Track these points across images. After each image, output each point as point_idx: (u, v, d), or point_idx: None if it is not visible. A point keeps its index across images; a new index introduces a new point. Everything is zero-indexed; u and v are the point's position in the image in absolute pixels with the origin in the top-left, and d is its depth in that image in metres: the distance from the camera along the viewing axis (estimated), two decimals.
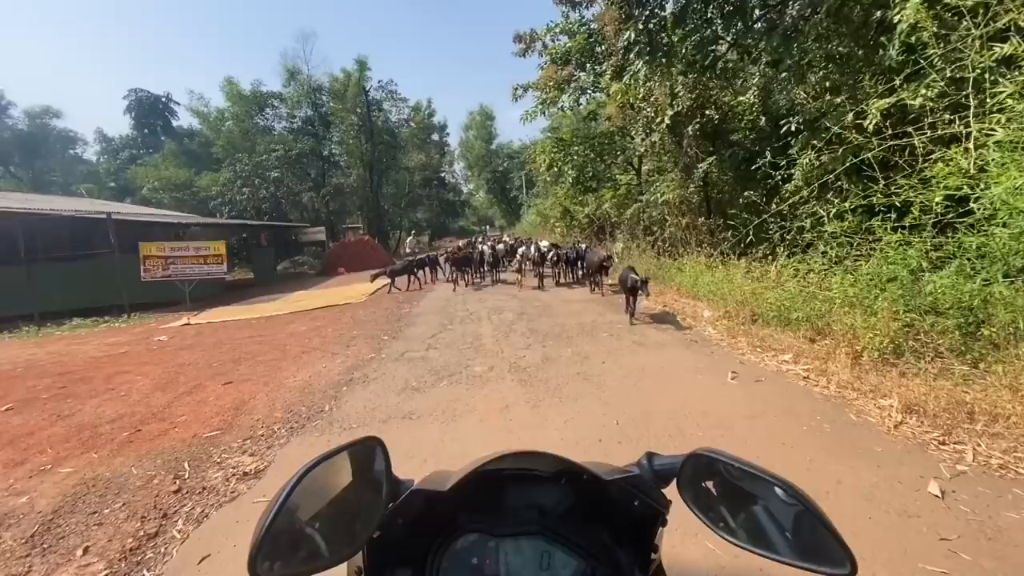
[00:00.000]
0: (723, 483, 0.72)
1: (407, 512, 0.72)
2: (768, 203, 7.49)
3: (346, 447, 0.69)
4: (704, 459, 0.72)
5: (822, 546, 0.62)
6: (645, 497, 0.74)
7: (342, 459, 0.68)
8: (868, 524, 2.47)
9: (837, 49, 7.72)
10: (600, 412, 4.14)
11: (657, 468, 0.76)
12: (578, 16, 13.71)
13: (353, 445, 0.70)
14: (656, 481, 0.76)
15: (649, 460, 0.78)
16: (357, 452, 0.71)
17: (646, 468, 0.77)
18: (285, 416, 4.67)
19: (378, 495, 0.71)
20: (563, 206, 20.45)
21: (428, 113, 42.41)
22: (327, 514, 0.64)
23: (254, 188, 26.19)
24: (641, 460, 0.79)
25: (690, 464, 0.74)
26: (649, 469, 0.77)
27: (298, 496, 0.60)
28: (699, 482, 0.73)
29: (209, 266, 14.60)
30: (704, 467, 0.73)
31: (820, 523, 0.62)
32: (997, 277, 4.08)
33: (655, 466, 0.77)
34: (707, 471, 0.73)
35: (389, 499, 0.72)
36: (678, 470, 0.75)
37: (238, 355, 7.34)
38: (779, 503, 0.66)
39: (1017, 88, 4.10)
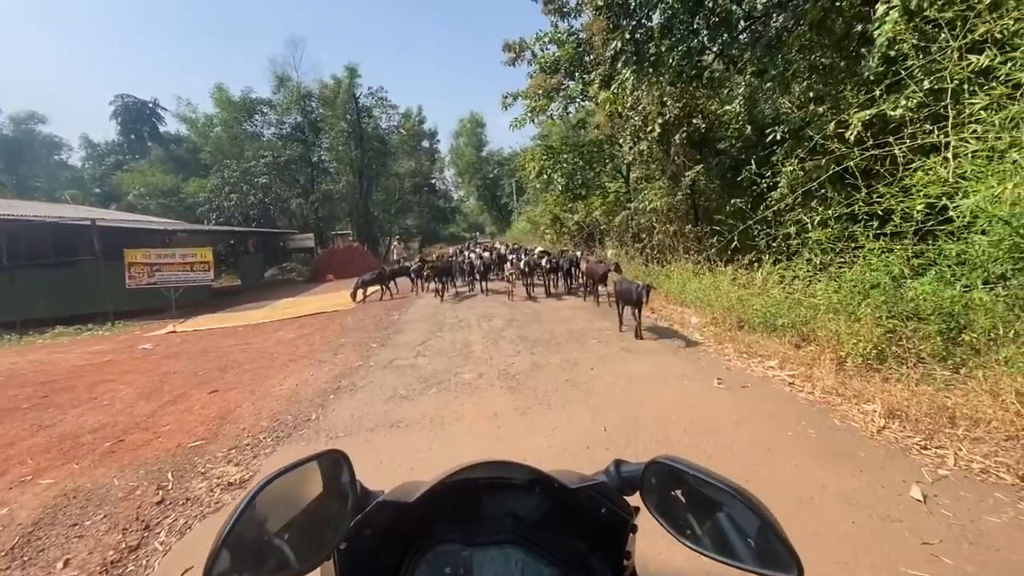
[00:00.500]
0: (686, 492, 0.72)
1: (375, 523, 0.73)
2: (754, 210, 7.60)
3: (308, 459, 0.70)
4: (664, 466, 0.73)
5: (775, 552, 0.63)
6: (611, 505, 0.75)
7: (305, 471, 0.69)
8: (852, 528, 2.49)
9: (820, 60, 7.88)
10: (588, 419, 4.15)
11: (624, 475, 0.77)
12: (567, 26, 13.90)
13: (315, 457, 0.71)
14: (623, 488, 0.77)
15: (616, 468, 0.79)
16: (321, 464, 0.71)
17: (613, 476, 0.78)
18: (271, 425, 4.62)
19: (344, 506, 0.71)
20: (553, 213, 20.54)
21: (418, 120, 42.54)
22: (293, 525, 0.64)
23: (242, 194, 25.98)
24: (609, 468, 0.79)
25: (651, 471, 0.75)
26: (616, 476, 0.77)
27: (261, 508, 0.61)
28: (661, 489, 0.74)
29: (195, 273, 14.45)
30: (665, 474, 0.74)
31: (770, 529, 0.63)
32: (977, 283, 4.17)
33: (622, 473, 0.78)
34: (668, 478, 0.74)
35: (356, 510, 0.72)
36: (639, 477, 0.75)
37: (224, 363, 7.25)
38: (737, 509, 0.67)
39: (992, 100, 4.21)
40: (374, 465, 3.60)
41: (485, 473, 0.75)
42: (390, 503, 0.73)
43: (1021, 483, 2.76)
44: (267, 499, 0.62)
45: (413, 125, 41.84)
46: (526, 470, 0.75)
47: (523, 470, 0.75)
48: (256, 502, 0.60)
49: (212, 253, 15.04)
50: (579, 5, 13.27)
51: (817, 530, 2.50)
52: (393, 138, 39.41)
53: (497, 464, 0.75)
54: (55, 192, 36.80)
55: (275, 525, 0.63)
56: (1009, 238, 3.95)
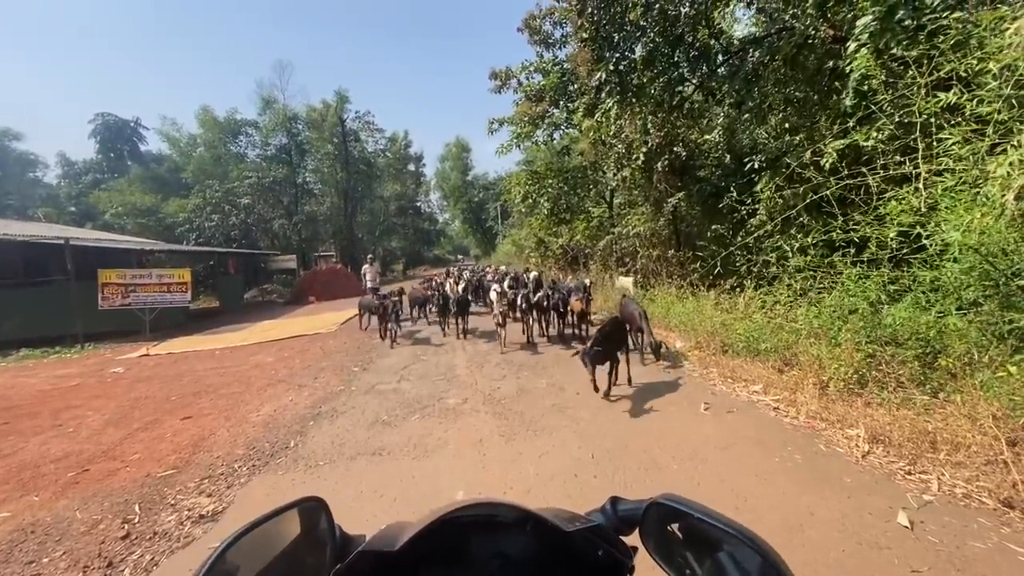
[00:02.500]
0: (686, 531, 0.69)
1: (355, 573, 0.68)
2: (735, 236, 7.75)
3: (283, 509, 0.66)
4: (665, 508, 0.70)
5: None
6: (608, 547, 0.71)
7: (281, 521, 0.66)
8: (842, 556, 2.47)
9: (794, 93, 8.21)
10: (575, 445, 4.10)
11: (621, 514, 0.74)
12: (552, 56, 14.30)
13: (291, 506, 0.67)
14: (620, 528, 0.74)
15: (613, 506, 0.76)
16: (298, 513, 0.68)
17: (610, 514, 0.75)
18: (247, 453, 4.47)
19: (323, 557, 0.68)
20: (538, 236, 20.69)
21: (405, 144, 42.94)
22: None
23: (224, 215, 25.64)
24: (605, 506, 0.76)
25: (652, 512, 0.72)
26: (613, 515, 0.74)
27: (232, 563, 0.57)
28: (662, 530, 0.71)
29: (172, 294, 14.11)
30: (666, 515, 0.71)
31: (776, 572, 0.60)
32: (950, 309, 4.28)
33: (619, 512, 0.75)
34: (670, 519, 0.71)
35: (335, 560, 0.68)
36: (640, 518, 0.73)
37: (199, 388, 7.04)
38: (741, 551, 0.64)
39: (961, 135, 4.41)
40: (355, 495, 3.49)
41: (473, 513, 0.72)
42: (371, 553, 0.68)
43: (1003, 507, 2.79)
44: (238, 553, 0.58)
45: (399, 149, 42.19)
46: (518, 510, 0.71)
47: (515, 510, 0.71)
48: (226, 556, 0.56)
49: (190, 274, 14.71)
50: (564, 37, 13.69)
51: (808, 559, 2.47)
52: (379, 161, 39.62)
53: (486, 504, 0.71)
54: (28, 210, 35.82)
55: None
56: (979, 266, 4.07)
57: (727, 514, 0.64)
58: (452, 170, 53.22)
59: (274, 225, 30.56)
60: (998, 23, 4.30)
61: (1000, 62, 4.14)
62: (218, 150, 32.38)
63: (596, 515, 0.76)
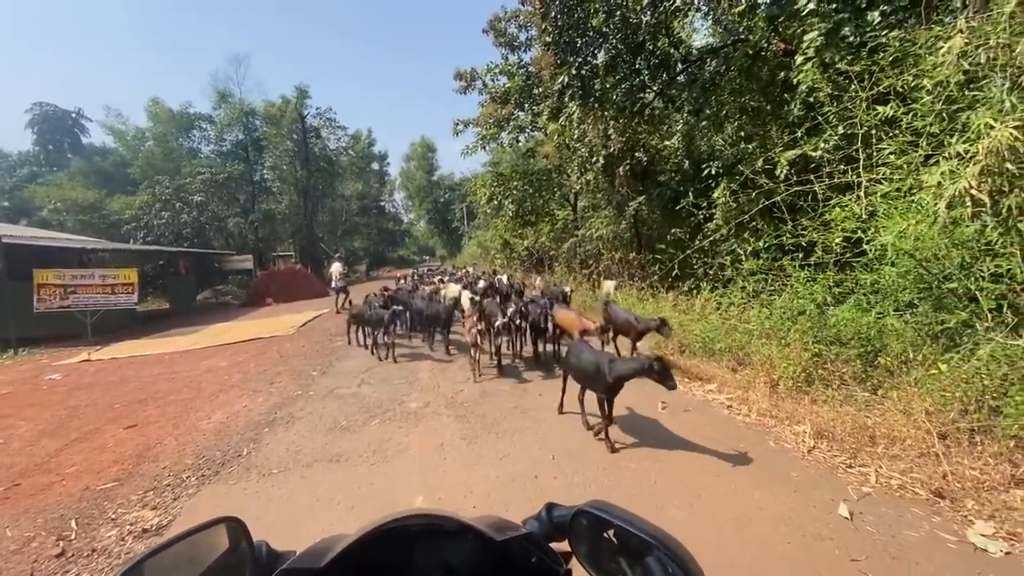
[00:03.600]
0: (612, 538, 0.70)
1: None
2: (692, 240, 7.99)
3: (192, 532, 0.63)
4: (590, 515, 0.71)
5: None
6: (540, 553, 0.72)
7: (195, 544, 0.62)
8: (787, 549, 2.58)
9: (749, 103, 8.53)
10: (537, 447, 4.11)
11: (555, 520, 0.75)
12: (517, 59, 14.36)
13: (203, 528, 0.64)
14: (553, 534, 0.74)
15: (548, 512, 0.76)
16: (212, 535, 0.64)
17: (544, 521, 0.75)
18: (196, 462, 4.27)
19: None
20: (503, 238, 20.76)
21: (368, 142, 42.17)
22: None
23: (175, 212, 24.41)
24: (541, 512, 0.77)
25: (578, 520, 0.72)
26: (548, 522, 0.75)
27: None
28: (590, 537, 0.72)
29: (117, 296, 13.34)
30: (593, 522, 0.71)
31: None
32: (889, 310, 4.54)
33: (554, 518, 0.75)
34: (596, 526, 0.71)
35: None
36: (567, 526, 0.73)
37: (145, 395, 6.69)
38: (663, 560, 0.64)
39: (897, 146, 4.69)
40: (310, 504, 3.39)
41: (407, 524, 0.70)
42: (295, 571, 0.65)
43: (934, 497, 2.98)
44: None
45: (363, 147, 41.40)
46: (450, 520, 0.70)
47: (447, 520, 0.70)
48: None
49: (137, 274, 13.96)
50: (529, 40, 13.78)
51: (757, 554, 2.56)
52: (342, 159, 38.69)
53: (420, 515, 0.70)
54: None
55: None
56: (914, 270, 4.35)
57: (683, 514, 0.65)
58: (417, 170, 52.70)
59: (229, 223, 29.35)
60: (933, 41, 4.59)
61: (933, 79, 4.43)
62: (169, 144, 30.83)
63: (532, 522, 0.76)
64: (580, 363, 4.13)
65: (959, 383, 3.53)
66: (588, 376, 4.06)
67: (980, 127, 3.68)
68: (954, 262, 4.07)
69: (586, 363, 4.05)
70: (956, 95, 4.21)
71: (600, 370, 3.85)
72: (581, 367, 4.12)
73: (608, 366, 3.80)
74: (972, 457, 3.20)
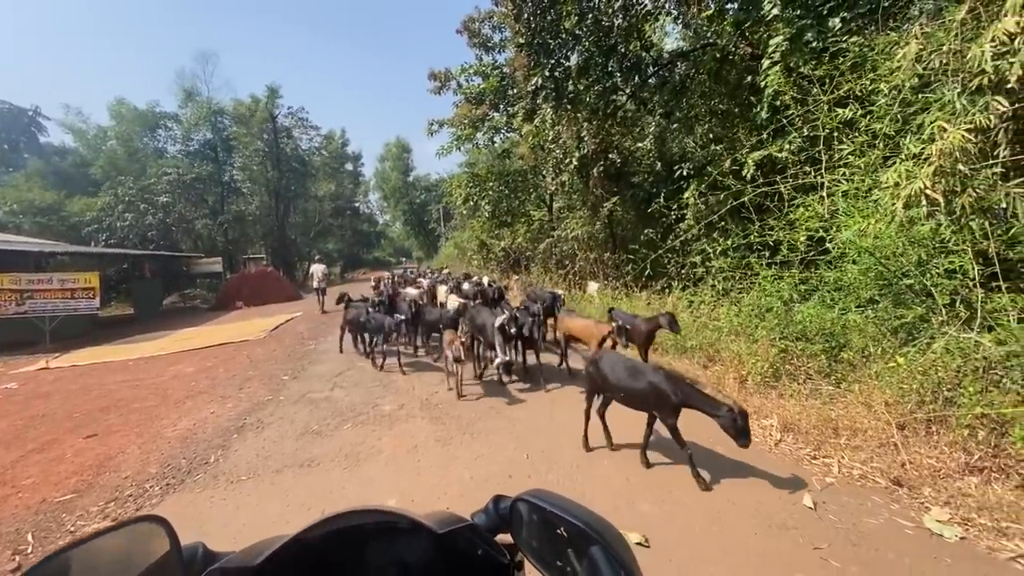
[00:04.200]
0: (551, 527, 0.68)
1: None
2: (664, 240, 8.11)
3: (109, 530, 0.59)
4: (528, 504, 0.70)
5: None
6: (485, 545, 0.71)
7: (116, 546, 0.59)
8: (755, 540, 2.63)
9: (718, 106, 8.72)
10: (511, 447, 4.11)
11: (501, 512, 0.74)
12: (491, 60, 14.36)
13: (120, 527, 0.60)
14: (500, 526, 0.73)
15: (495, 504, 0.75)
16: (132, 535, 0.61)
17: (491, 513, 0.74)
18: (161, 471, 4.14)
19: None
20: (480, 239, 20.68)
21: (342, 143, 41.47)
22: None
23: (139, 214, 23.52)
24: (488, 505, 0.76)
25: (517, 509, 0.71)
26: (494, 514, 0.74)
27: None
28: (530, 527, 0.71)
29: (77, 301, 12.83)
30: (532, 511, 0.70)
31: (624, 568, 0.59)
32: (851, 307, 4.69)
33: (500, 510, 0.74)
34: (536, 515, 0.70)
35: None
36: (508, 516, 0.72)
37: (107, 403, 6.44)
38: (599, 547, 0.62)
39: (856, 147, 4.85)
40: (280, 511, 3.31)
41: (349, 523, 0.68)
42: (229, 571, 0.62)
43: (893, 486, 3.08)
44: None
45: (336, 147, 40.69)
46: (392, 515, 0.69)
47: (389, 515, 0.69)
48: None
49: (98, 278, 13.44)
50: (503, 41, 13.81)
51: (727, 545, 2.61)
52: (315, 160, 37.99)
53: (362, 512, 0.68)
54: None
55: None
56: (874, 267, 4.50)
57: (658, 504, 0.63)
58: (392, 171, 52.10)
59: (197, 225, 28.45)
60: (891, 47, 4.77)
61: (890, 83, 4.60)
62: (133, 144, 29.78)
63: (480, 515, 0.75)
64: (623, 380, 3.58)
65: (916, 375, 3.67)
66: (637, 396, 3.51)
67: (934, 129, 3.83)
68: (911, 259, 4.23)
69: (634, 380, 3.51)
70: (911, 98, 4.38)
71: (658, 390, 3.32)
72: (625, 385, 3.56)
73: (672, 387, 3.27)
74: (929, 446, 3.33)
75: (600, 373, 3.77)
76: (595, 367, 3.84)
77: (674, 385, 3.30)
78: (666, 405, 3.30)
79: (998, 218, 3.91)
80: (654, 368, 3.50)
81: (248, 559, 0.61)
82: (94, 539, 0.57)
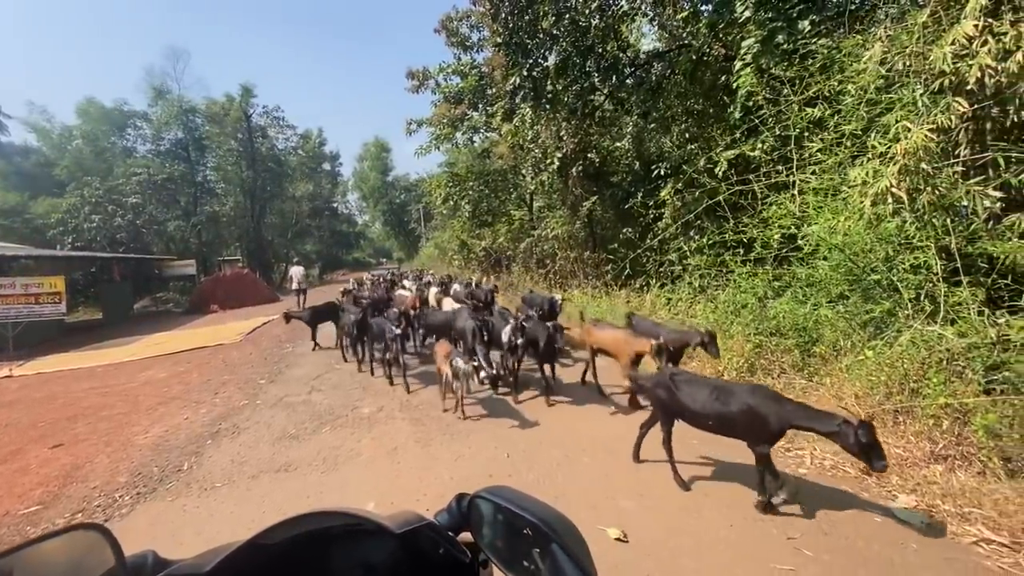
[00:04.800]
0: (509, 524, 0.67)
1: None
2: (643, 239, 8.21)
3: (44, 538, 0.57)
4: (485, 501, 0.69)
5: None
6: (447, 545, 0.70)
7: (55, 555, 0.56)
8: (730, 532, 2.68)
9: (694, 106, 8.85)
10: (492, 446, 4.10)
11: (463, 510, 0.73)
12: (469, 59, 14.31)
13: (57, 534, 0.58)
14: (462, 524, 0.72)
15: (457, 502, 0.75)
16: (68, 544, 0.58)
17: (454, 511, 0.74)
18: (131, 480, 4.03)
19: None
20: (460, 239, 20.60)
21: (319, 142, 40.81)
22: None
23: (107, 215, 22.74)
24: (451, 503, 0.75)
25: (476, 507, 0.71)
26: (457, 512, 0.73)
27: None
28: (490, 524, 0.70)
29: (42, 306, 12.41)
30: (489, 509, 0.70)
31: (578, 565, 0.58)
32: (823, 302, 4.81)
33: (462, 508, 0.74)
34: (493, 512, 0.69)
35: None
36: (467, 514, 0.72)
37: (75, 411, 6.24)
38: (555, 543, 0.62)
39: (825, 145, 4.98)
40: (255, 517, 3.25)
41: (308, 526, 0.67)
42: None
43: (862, 475, 3.17)
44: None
45: (313, 147, 40.03)
46: (350, 516, 0.67)
47: (348, 517, 0.68)
48: None
49: (64, 283, 13.01)
50: (481, 40, 13.77)
51: (703, 537, 2.65)
52: (291, 159, 37.32)
53: (321, 515, 0.67)
54: None
55: None
56: (844, 263, 4.62)
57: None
58: (371, 170, 51.51)
59: (169, 227, 27.70)
60: (857, 49, 4.91)
61: (857, 83, 4.74)
62: (100, 143, 28.83)
63: (442, 514, 0.74)
64: (707, 403, 2.98)
65: (884, 368, 3.78)
66: (726, 422, 2.92)
67: (899, 129, 3.96)
68: (879, 256, 4.36)
69: (723, 403, 2.91)
70: (877, 98, 4.52)
71: (757, 414, 2.76)
72: (712, 409, 2.95)
73: (775, 409, 2.75)
74: (896, 436, 3.43)
75: (675, 395, 3.16)
76: (669, 388, 3.21)
77: (777, 406, 2.75)
78: (764, 431, 2.77)
79: (959, 215, 4.05)
80: (751, 387, 2.95)
81: (200, 565, 0.60)
82: (25, 548, 0.54)
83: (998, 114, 3.81)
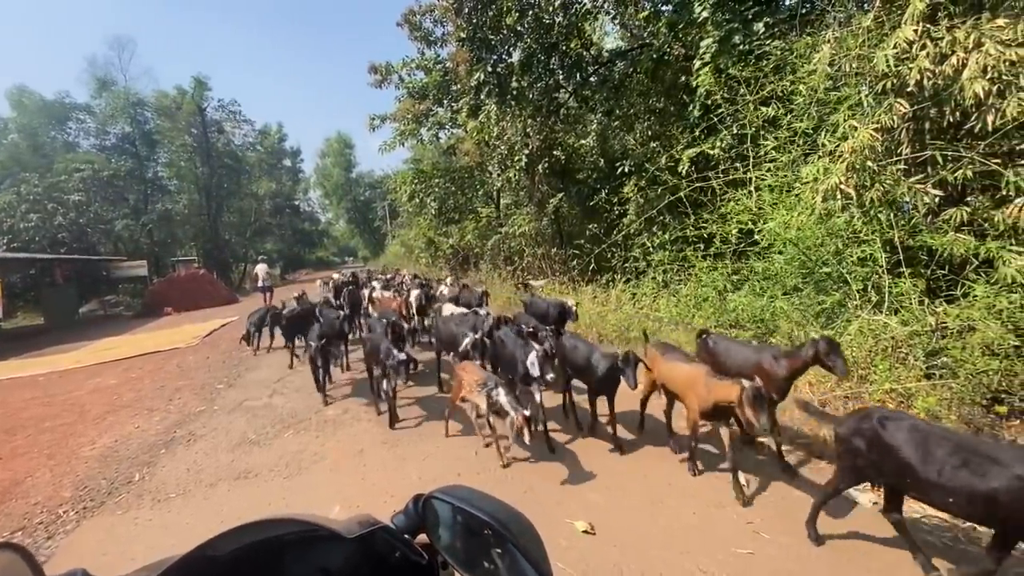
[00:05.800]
0: (468, 524, 0.66)
1: None
2: (608, 235, 8.33)
3: None
4: (438, 501, 0.69)
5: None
6: (402, 547, 0.69)
7: None
8: (692, 519, 2.76)
9: (655, 104, 9.01)
10: (460, 444, 4.08)
11: (420, 512, 0.72)
12: (433, 54, 14.12)
13: None
14: (418, 526, 0.71)
15: (415, 504, 0.73)
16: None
17: (411, 513, 0.72)
18: (76, 495, 3.82)
19: None
20: (427, 236, 20.39)
21: (279, 138, 39.59)
22: None
23: (46, 214, 21.40)
24: (408, 505, 0.74)
25: (429, 507, 0.70)
26: (413, 514, 0.72)
27: None
28: (445, 524, 0.70)
29: None
30: (445, 509, 0.69)
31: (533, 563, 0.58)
32: (778, 294, 5.00)
33: (419, 509, 0.73)
34: (449, 513, 0.68)
35: None
36: (421, 515, 0.71)
37: (13, 423, 5.87)
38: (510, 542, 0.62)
39: (779, 143, 5.17)
40: (213, 528, 2.97)
41: (260, 534, 0.64)
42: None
43: (814, 459, 3.32)
44: None
45: (273, 143, 38.80)
46: (301, 523, 0.65)
47: (299, 523, 0.65)
48: None
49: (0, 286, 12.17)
50: (444, 35, 13.62)
51: (667, 524, 2.72)
52: (249, 156, 36.05)
53: (271, 522, 0.65)
54: None
55: None
56: (798, 257, 4.82)
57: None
58: (334, 167, 50.34)
59: (117, 226, 26.26)
60: (808, 50, 5.11)
61: (807, 84, 4.93)
62: (39, 137, 27.10)
63: (399, 516, 0.73)
64: (945, 470, 1.96)
65: None
66: (978, 500, 1.89)
67: (846, 128, 4.14)
68: (830, 249, 4.57)
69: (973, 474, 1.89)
70: (825, 98, 4.72)
71: None
72: (953, 483, 1.94)
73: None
74: None
75: (885, 452, 2.14)
76: (870, 440, 2.20)
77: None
78: None
79: (902, 210, 4.29)
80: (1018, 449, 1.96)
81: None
82: None
83: (936, 114, 4.04)
